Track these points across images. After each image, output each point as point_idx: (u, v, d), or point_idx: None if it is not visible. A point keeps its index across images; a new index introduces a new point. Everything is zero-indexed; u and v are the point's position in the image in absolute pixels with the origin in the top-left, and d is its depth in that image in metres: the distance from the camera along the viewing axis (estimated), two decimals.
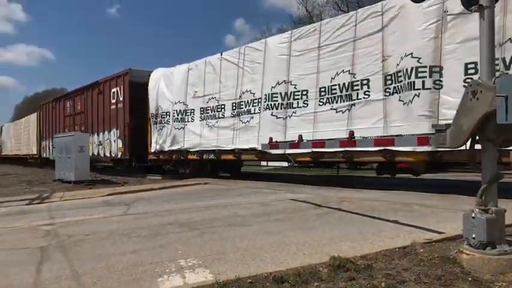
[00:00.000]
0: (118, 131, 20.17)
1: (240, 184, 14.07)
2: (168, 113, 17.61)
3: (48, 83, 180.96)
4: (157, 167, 19.18)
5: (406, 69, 9.61)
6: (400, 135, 9.48)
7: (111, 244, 5.76)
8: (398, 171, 11.71)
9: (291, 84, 12.73)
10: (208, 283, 3.83)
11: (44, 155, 30.91)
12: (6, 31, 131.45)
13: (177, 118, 17.05)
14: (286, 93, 12.85)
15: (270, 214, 7.72)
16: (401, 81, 9.83)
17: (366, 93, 10.75)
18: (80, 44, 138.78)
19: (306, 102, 12.32)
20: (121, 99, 20.03)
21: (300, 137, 11.74)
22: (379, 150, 9.94)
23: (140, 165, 19.69)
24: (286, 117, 12.81)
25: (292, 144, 12.46)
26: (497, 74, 4.07)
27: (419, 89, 9.37)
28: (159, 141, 17.97)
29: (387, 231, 5.83)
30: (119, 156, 20.18)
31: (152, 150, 18.42)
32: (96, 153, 22.44)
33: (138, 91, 18.86)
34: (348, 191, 10.82)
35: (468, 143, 4.37)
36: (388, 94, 10.25)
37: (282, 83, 12.95)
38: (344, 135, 10.84)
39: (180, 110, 16.96)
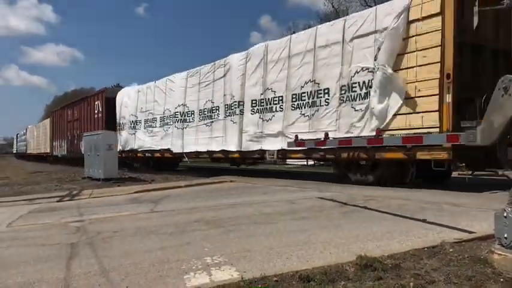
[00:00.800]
0: None
1: (266, 182, 14.07)
2: (126, 123, 24.02)
3: (78, 82, 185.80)
4: (123, 163, 23.33)
5: (232, 102, 16.59)
6: (430, 133, 9.61)
7: (139, 241, 5.84)
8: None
9: (186, 106, 19.30)
10: (234, 281, 3.83)
11: (54, 153, 37.29)
12: (37, 32, 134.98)
13: (131, 126, 23.43)
14: (183, 113, 19.46)
15: (295, 212, 7.69)
16: (232, 109, 16.63)
17: (218, 115, 17.47)
18: (108, 43, 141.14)
19: (193, 118, 18.97)
20: (100, 110, 26.40)
21: (327, 134, 12.46)
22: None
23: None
24: (183, 129, 19.41)
25: (318, 142, 12.63)
26: None
27: (237, 114, 16.32)
28: (121, 143, 23.12)
29: (415, 230, 5.73)
30: None
31: (120, 148, 23.07)
32: None
33: (111, 104, 25.30)
34: (375, 189, 10.69)
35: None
36: (227, 115, 16.94)
37: (181, 105, 19.51)
38: (208, 141, 18.01)
39: (133, 121, 23.43)
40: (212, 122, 17.72)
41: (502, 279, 3.69)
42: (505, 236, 4.03)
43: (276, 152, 14.59)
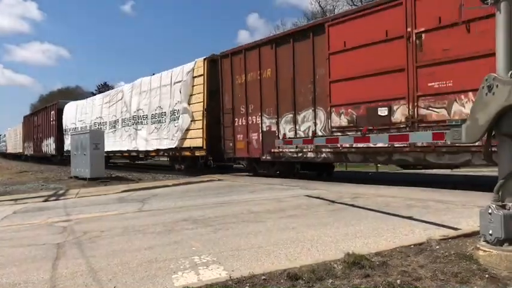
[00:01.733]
0: (53, 138, 33.77)
1: (254, 180, 14.08)
2: (69, 129, 30.61)
3: (64, 81, 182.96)
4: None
5: (125, 117, 23.94)
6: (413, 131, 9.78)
7: (126, 240, 5.81)
8: None
9: (101, 118, 26.91)
10: (222, 280, 3.83)
11: (26, 153, 44.13)
12: (21, 30, 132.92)
13: (72, 132, 27.25)
14: (99, 123, 26.96)
15: (284, 210, 7.71)
16: (125, 122, 23.90)
17: (119, 125, 24.66)
18: (95, 42, 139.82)
19: (105, 127, 25.72)
20: (54, 118, 33.66)
21: (314, 133, 12.47)
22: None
23: (64, 159, 30.28)
24: (108, 133, 24.72)
25: (305, 140, 12.64)
26: None
27: (129, 126, 23.57)
28: (67, 144, 29.35)
29: (402, 227, 5.79)
30: (54, 153, 33.83)
31: (65, 149, 30.16)
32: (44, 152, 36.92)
33: (61, 114, 32.51)
34: (362, 187, 10.77)
35: (484, 138, 4.31)
36: (123, 126, 24.18)
37: (98, 117, 27.30)
38: (114, 143, 24.65)
39: (73, 128, 30.11)
40: (115, 130, 25.04)
41: (487, 275, 3.73)
42: (490, 232, 4.08)
43: (144, 152, 22.65)
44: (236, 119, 16.27)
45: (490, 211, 4.10)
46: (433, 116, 9.79)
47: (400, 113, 10.52)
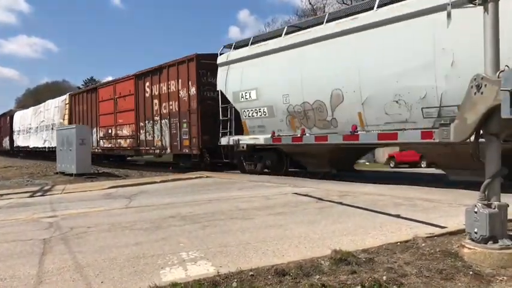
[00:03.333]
0: (9, 137, 42.45)
1: (242, 178, 14.08)
2: (16, 131, 40.23)
3: (51, 74, 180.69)
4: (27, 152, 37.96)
5: (48, 124, 32.56)
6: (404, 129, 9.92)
7: (113, 236, 5.78)
8: None
9: (31, 125, 35.77)
10: (210, 275, 3.83)
11: None
12: (9, 22, 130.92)
13: (23, 133, 36.69)
14: (30, 128, 36.43)
15: (272, 207, 7.73)
16: (46, 127, 33.03)
17: (44, 130, 33.96)
18: (83, 35, 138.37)
19: (36, 131, 34.41)
20: (9, 122, 42.45)
21: (303, 130, 12.59)
22: None
23: (14, 152, 41.73)
24: (31, 135, 35.09)
25: (295, 138, 12.75)
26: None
27: (47, 130, 32.88)
28: (16, 141, 39.55)
29: (389, 225, 5.83)
30: (8, 148, 43.05)
31: (15, 145, 39.97)
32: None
33: (13, 120, 41.76)
34: (350, 185, 10.83)
35: (472, 138, 4.36)
36: (45, 130, 34.34)
37: (29, 124, 36.34)
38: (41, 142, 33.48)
39: (17, 131, 39.81)
40: (37, 133, 33.55)
41: (471, 272, 3.79)
42: (475, 230, 4.14)
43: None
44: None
45: (475, 210, 4.16)
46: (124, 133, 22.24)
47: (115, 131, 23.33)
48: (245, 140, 14.99)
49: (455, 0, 5.33)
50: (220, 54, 16.15)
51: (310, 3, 42.58)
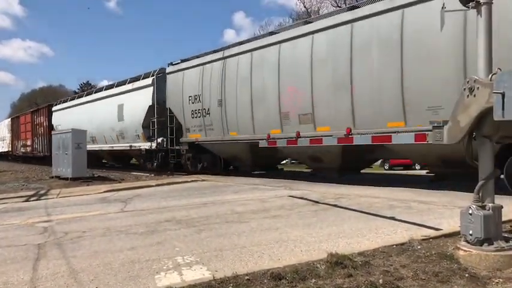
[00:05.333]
0: None
1: (237, 181, 14.07)
2: None
3: (47, 79, 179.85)
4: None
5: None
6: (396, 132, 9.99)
7: (108, 241, 5.75)
8: None
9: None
10: (205, 280, 3.82)
11: None
12: (3, 25, 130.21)
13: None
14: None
15: (267, 211, 7.72)
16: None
17: None
18: (78, 39, 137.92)
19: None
20: None
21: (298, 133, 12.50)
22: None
23: None
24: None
25: (290, 141, 12.74)
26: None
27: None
28: None
29: (385, 227, 5.84)
30: None
31: None
32: None
33: None
34: (345, 188, 10.84)
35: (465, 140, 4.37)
36: None
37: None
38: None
39: None
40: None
41: (467, 275, 3.79)
42: (470, 232, 4.15)
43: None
44: None
45: (470, 212, 4.17)
46: (28, 143, 34.84)
47: (25, 142, 35.62)
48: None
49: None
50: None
51: (304, 7, 42.70)
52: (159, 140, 18.77)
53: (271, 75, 13.38)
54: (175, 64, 18.41)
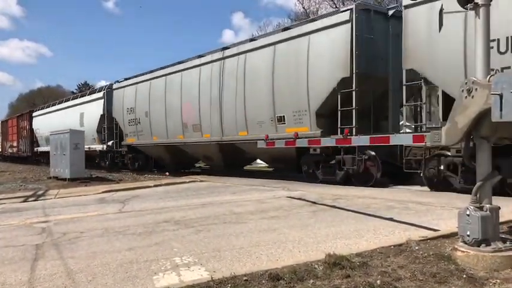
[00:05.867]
0: None
1: (236, 181, 14.08)
2: None
3: (45, 79, 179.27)
4: None
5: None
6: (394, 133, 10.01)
7: (106, 242, 5.75)
8: None
9: None
10: (203, 281, 3.82)
11: None
12: (1, 26, 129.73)
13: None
14: None
15: (265, 211, 7.73)
16: None
17: None
18: (76, 39, 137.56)
19: None
20: None
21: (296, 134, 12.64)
22: None
23: None
24: None
25: (288, 142, 12.77)
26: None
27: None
28: None
29: (382, 228, 5.85)
30: None
31: None
32: None
33: None
34: (343, 188, 10.85)
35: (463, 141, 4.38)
36: None
37: None
38: None
39: None
40: None
41: (465, 276, 3.80)
42: (468, 233, 4.16)
43: None
44: None
45: (468, 212, 4.18)
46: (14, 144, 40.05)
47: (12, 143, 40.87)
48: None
49: None
50: None
51: (303, 7, 42.76)
52: (109, 143, 23.63)
53: (176, 95, 18.31)
54: (120, 82, 23.17)
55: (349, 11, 11.79)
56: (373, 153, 11.38)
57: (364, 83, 11.74)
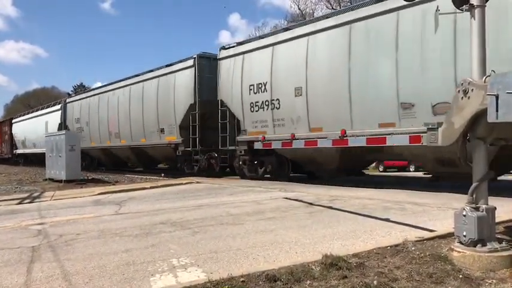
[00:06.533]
0: None
1: (232, 183, 14.07)
2: None
3: (40, 80, 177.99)
4: None
5: None
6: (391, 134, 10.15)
7: (103, 243, 5.73)
8: None
9: None
10: (200, 282, 3.81)
11: None
12: None
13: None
14: None
15: (262, 213, 7.73)
16: None
17: None
18: (72, 41, 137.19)
19: None
20: None
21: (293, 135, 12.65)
22: None
23: None
24: None
25: (285, 143, 12.78)
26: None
27: None
28: None
29: (379, 229, 5.86)
30: None
31: None
32: None
33: None
34: (339, 189, 10.86)
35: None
36: None
37: None
38: None
39: None
40: None
41: (461, 276, 3.82)
42: (464, 234, 4.17)
43: None
44: None
45: (464, 213, 4.20)
46: None
47: None
48: None
49: None
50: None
51: (299, 9, 42.86)
52: None
53: (110, 109, 23.06)
54: (73, 96, 29.77)
55: (193, 59, 17.38)
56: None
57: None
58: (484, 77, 4.07)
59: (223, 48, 16.40)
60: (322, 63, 11.99)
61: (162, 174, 19.43)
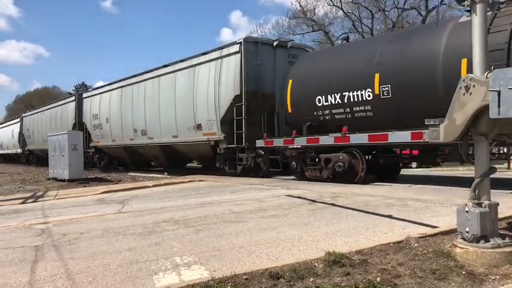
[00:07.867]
0: None
1: (234, 181, 14.08)
2: None
3: (42, 80, 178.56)
4: None
5: None
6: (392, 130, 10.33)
7: (106, 242, 5.75)
8: None
9: None
10: (204, 280, 3.82)
11: None
12: None
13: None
14: None
15: (265, 210, 7.73)
16: None
17: None
18: (74, 40, 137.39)
19: None
20: None
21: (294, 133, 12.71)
22: None
23: None
24: None
25: (286, 140, 12.82)
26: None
27: None
28: None
29: (382, 226, 5.86)
30: None
31: None
32: None
33: None
34: (342, 186, 10.86)
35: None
36: None
37: None
38: None
39: None
40: None
41: (464, 272, 3.81)
42: (467, 230, 4.17)
43: None
44: None
45: (467, 209, 4.19)
46: None
47: None
48: None
49: None
50: None
51: (300, 6, 42.70)
52: None
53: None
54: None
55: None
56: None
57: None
58: (486, 73, 4.06)
59: None
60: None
61: (165, 173, 19.45)
